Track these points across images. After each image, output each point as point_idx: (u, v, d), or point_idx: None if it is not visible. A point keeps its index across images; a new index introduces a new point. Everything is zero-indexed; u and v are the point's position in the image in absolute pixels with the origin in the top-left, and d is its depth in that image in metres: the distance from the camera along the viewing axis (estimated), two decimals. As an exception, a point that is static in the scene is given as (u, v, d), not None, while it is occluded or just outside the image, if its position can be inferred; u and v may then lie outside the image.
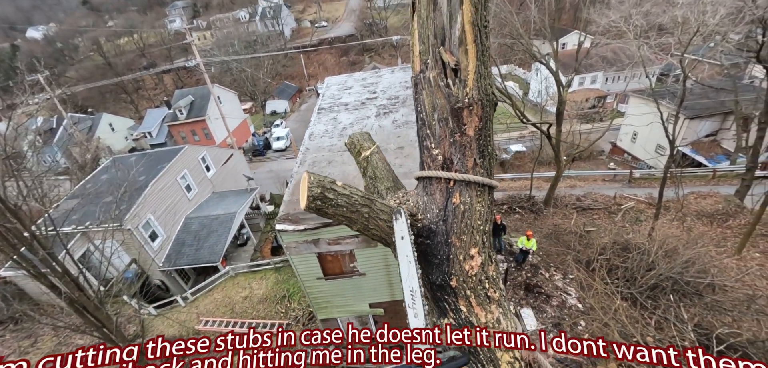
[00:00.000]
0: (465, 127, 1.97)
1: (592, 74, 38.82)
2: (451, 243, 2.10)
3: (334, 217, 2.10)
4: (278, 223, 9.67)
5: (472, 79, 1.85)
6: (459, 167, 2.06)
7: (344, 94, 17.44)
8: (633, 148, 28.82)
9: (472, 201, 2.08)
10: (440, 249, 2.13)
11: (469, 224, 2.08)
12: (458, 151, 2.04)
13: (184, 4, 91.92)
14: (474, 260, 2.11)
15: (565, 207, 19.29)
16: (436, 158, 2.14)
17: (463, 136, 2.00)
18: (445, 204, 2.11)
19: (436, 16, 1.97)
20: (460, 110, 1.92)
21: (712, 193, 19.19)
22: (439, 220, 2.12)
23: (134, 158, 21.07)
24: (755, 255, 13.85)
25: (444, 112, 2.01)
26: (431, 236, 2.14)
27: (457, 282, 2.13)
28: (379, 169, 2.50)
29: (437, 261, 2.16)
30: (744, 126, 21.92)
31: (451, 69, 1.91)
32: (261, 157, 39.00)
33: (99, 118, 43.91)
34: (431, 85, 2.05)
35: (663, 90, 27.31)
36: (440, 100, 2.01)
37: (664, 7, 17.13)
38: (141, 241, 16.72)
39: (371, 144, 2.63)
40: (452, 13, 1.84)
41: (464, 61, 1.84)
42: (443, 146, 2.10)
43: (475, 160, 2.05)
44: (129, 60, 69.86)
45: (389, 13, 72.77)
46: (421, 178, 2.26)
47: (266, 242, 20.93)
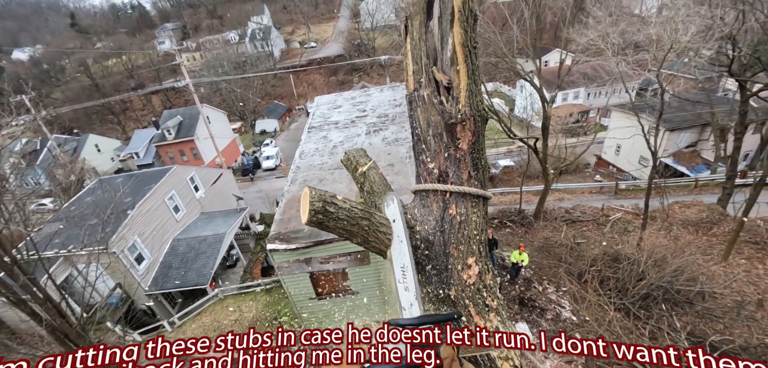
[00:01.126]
0: (459, 141, 2.07)
1: (575, 90, 40.14)
2: (449, 253, 2.16)
3: (335, 230, 2.13)
4: (269, 243, 9.56)
5: (464, 96, 1.97)
6: (454, 180, 2.14)
7: (334, 113, 17.61)
8: (617, 160, 29.62)
9: (467, 211, 2.15)
10: (438, 259, 2.18)
11: (465, 234, 2.15)
12: (453, 165, 2.13)
13: (174, 26, 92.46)
14: (471, 269, 2.17)
15: (555, 220, 19.56)
16: (432, 171, 2.22)
17: (457, 150, 2.10)
18: (442, 215, 2.17)
19: (427, 38, 2.08)
20: (454, 125, 2.02)
21: (696, 202, 19.74)
22: (437, 231, 2.18)
23: (121, 179, 20.68)
24: (741, 261, 14.19)
25: (438, 127, 2.11)
26: (429, 247, 2.19)
27: (455, 292, 2.18)
28: (376, 184, 2.57)
29: (435, 272, 2.20)
30: (721, 136, 22.82)
31: (444, 87, 2.02)
32: (250, 177, 38.69)
33: (85, 139, 43.13)
34: (426, 103, 2.14)
35: (643, 103, 28.35)
36: (434, 117, 2.11)
37: (638, 26, 17.96)
38: (126, 265, 16.25)
39: (367, 159, 2.69)
40: (443, 35, 1.96)
41: (456, 79, 1.96)
42: (439, 160, 2.18)
43: (470, 173, 2.13)
44: (117, 81, 69.34)
45: (377, 34, 74.38)
46: (418, 191, 2.33)
47: (256, 263, 20.57)
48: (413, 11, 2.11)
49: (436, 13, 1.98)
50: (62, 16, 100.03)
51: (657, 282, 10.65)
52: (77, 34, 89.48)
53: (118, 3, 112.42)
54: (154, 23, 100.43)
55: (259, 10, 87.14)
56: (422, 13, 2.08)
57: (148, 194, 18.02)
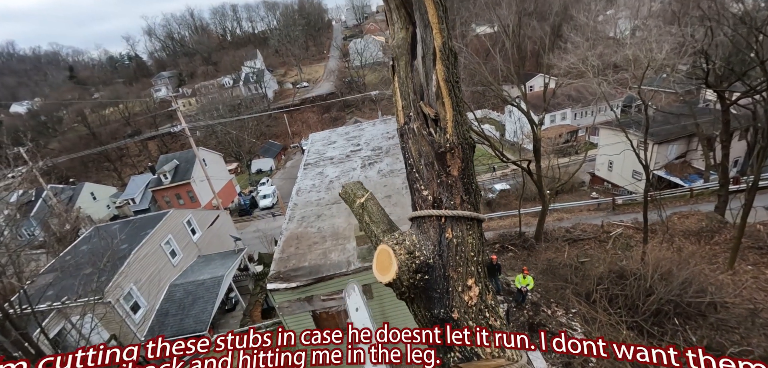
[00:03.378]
0: (449, 168, 2.19)
1: (562, 111, 41.31)
2: (449, 276, 2.22)
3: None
4: (269, 283, 9.40)
5: (450, 126, 2.11)
6: (448, 205, 2.24)
7: (329, 149, 17.85)
8: (611, 176, 30.01)
9: (463, 234, 2.23)
10: (439, 282, 2.24)
11: (463, 256, 2.22)
12: (446, 191, 2.24)
13: (170, 73, 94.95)
14: (472, 290, 2.22)
15: (556, 240, 19.49)
16: (426, 198, 2.32)
17: (448, 177, 2.21)
18: (440, 239, 2.25)
19: (413, 75, 2.25)
20: (444, 154, 2.15)
21: (694, 212, 19.85)
22: (436, 255, 2.25)
23: (117, 226, 20.46)
24: (747, 268, 14.08)
25: (429, 157, 2.24)
26: (430, 271, 2.25)
27: (458, 314, 2.22)
28: (375, 214, 2.65)
29: (437, 295, 2.25)
30: (709, 145, 23.35)
31: (432, 119, 2.16)
32: (248, 216, 38.45)
33: (80, 188, 42.93)
34: (416, 135, 2.28)
35: (629, 120, 29.15)
36: (425, 147, 2.24)
37: (615, 48, 18.85)
38: (122, 314, 15.77)
39: (364, 191, 2.79)
40: (428, 73, 2.12)
41: (442, 112, 2.11)
42: (432, 187, 2.29)
43: (462, 197, 2.24)
44: (113, 129, 70.16)
45: (366, 71, 76.89)
46: (415, 219, 2.42)
47: (256, 305, 20.05)
48: (399, 53, 2.29)
49: (420, 53, 2.16)
50: (61, 70, 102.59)
51: (666, 296, 10.48)
52: (75, 85, 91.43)
53: (116, 55, 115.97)
54: (150, 72, 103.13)
55: (251, 55, 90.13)
56: (407, 53, 2.27)
57: (144, 240, 17.80)
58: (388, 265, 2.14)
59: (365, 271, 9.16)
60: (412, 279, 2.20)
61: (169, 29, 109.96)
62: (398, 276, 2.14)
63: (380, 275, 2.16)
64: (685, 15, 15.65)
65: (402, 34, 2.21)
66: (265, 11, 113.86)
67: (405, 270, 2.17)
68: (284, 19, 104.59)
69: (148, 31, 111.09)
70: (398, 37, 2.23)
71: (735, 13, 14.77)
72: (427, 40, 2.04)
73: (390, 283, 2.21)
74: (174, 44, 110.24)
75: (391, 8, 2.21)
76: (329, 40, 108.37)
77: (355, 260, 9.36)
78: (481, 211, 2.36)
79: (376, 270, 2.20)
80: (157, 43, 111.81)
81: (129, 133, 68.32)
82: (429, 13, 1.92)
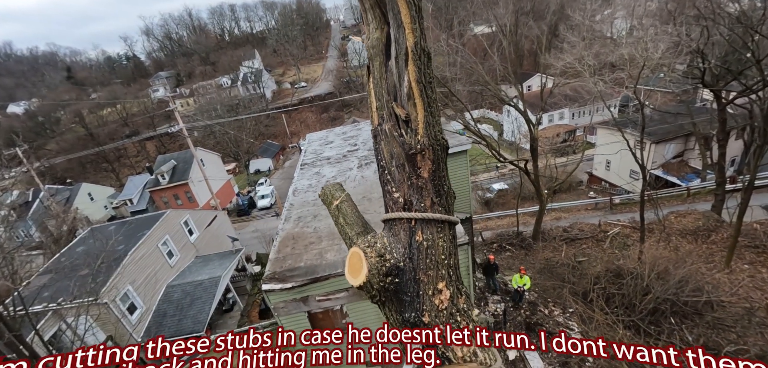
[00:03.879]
0: (420, 170, 2.17)
1: (559, 111, 41.32)
2: (419, 279, 2.21)
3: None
4: (265, 284, 9.36)
5: (421, 127, 2.09)
6: (418, 207, 2.22)
7: (326, 149, 17.82)
8: (608, 176, 30.06)
9: (433, 237, 2.22)
10: (409, 286, 2.23)
11: (433, 259, 2.21)
12: (416, 193, 2.22)
13: (168, 74, 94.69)
14: (443, 294, 2.21)
15: (554, 239, 19.51)
16: (397, 201, 2.30)
17: (418, 179, 2.19)
18: (410, 241, 2.24)
19: (387, 76, 2.23)
20: (414, 156, 2.13)
21: (691, 211, 19.91)
22: (406, 258, 2.24)
23: (113, 227, 20.42)
24: (744, 267, 14.17)
25: (400, 158, 2.21)
26: (400, 274, 2.24)
27: (429, 317, 2.21)
28: (349, 216, 2.63)
29: (408, 299, 2.24)
30: (706, 145, 23.40)
31: (403, 120, 2.15)
32: (246, 217, 38.40)
33: (77, 188, 42.82)
34: (388, 136, 2.26)
35: (625, 119, 29.20)
36: (396, 148, 2.21)
37: (611, 47, 18.86)
38: (118, 315, 15.74)
39: (341, 193, 2.77)
40: (400, 74, 2.11)
41: (413, 113, 2.09)
42: (403, 189, 2.27)
43: (432, 199, 2.22)
44: (111, 130, 69.99)
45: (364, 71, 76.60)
46: (387, 221, 2.41)
47: (254, 305, 20.04)
48: (373, 53, 2.27)
49: (393, 54, 2.14)
50: (59, 71, 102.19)
51: (663, 295, 10.51)
52: (73, 86, 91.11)
53: (113, 55, 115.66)
54: (148, 72, 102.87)
55: (250, 55, 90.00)
56: (381, 54, 2.25)
57: (141, 240, 17.77)
58: (359, 268, 2.12)
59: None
60: (382, 283, 2.19)
61: (167, 29, 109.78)
62: (368, 280, 2.12)
63: (351, 278, 2.15)
64: (681, 14, 15.67)
65: (377, 34, 2.19)
66: (263, 11, 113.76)
67: (375, 273, 2.15)
68: (282, 19, 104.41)
69: (145, 31, 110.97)
70: (373, 38, 2.21)
71: (731, 12, 14.79)
72: (399, 40, 2.02)
73: (361, 286, 2.19)
74: (172, 44, 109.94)
75: (365, 8, 2.18)
76: (327, 39, 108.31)
77: (351, 260, 9.31)
78: (453, 213, 2.35)
79: (347, 273, 2.19)
80: (154, 43, 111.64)
81: (127, 133, 68.16)
82: (402, 13, 1.90)
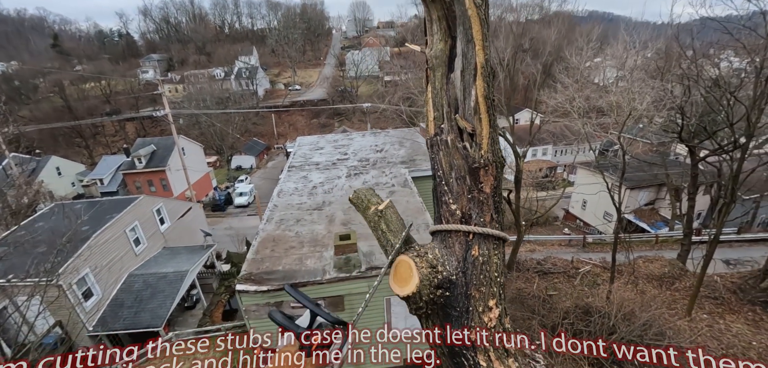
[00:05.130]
0: (482, 184, 2.16)
1: (544, 147, 42.68)
2: (471, 294, 2.16)
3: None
4: (239, 284, 9.05)
5: (486, 143, 2.10)
6: (477, 221, 2.19)
7: (316, 154, 17.67)
8: (584, 215, 30.97)
9: (489, 252, 2.18)
10: (460, 300, 2.17)
11: (487, 275, 2.16)
12: (476, 207, 2.19)
13: (160, 57, 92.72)
14: (492, 312, 2.17)
15: (527, 271, 19.80)
16: (454, 213, 2.26)
17: (480, 193, 2.17)
18: (465, 255, 2.19)
19: (448, 88, 2.24)
20: (477, 170, 2.13)
21: (658, 257, 20.63)
22: (459, 272, 2.19)
23: (81, 205, 19.39)
24: (703, 316, 14.75)
25: (461, 170, 2.20)
26: (451, 288, 2.18)
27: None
28: (393, 223, 2.56)
29: (456, 314, 2.18)
30: (676, 196, 24.51)
31: (468, 134, 2.14)
32: (221, 212, 37.41)
33: (46, 161, 40.74)
34: (448, 147, 2.25)
35: (607, 163, 30.35)
36: (458, 161, 2.20)
37: (601, 93, 19.73)
38: (72, 300, 14.78)
39: (380, 198, 2.72)
40: (466, 87, 2.12)
41: (479, 127, 2.10)
42: (461, 202, 2.24)
43: (492, 215, 2.20)
44: (92, 105, 67.41)
45: (360, 82, 77.50)
46: (439, 232, 2.36)
47: (218, 305, 19.27)
48: (436, 63, 2.28)
49: (458, 67, 2.15)
50: (45, 37, 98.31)
51: (628, 337, 10.77)
52: (58, 55, 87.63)
53: (106, 30, 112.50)
54: (140, 53, 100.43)
55: (247, 51, 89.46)
56: (444, 66, 2.26)
57: (109, 224, 16.92)
58: (408, 278, 2.05)
59: (339, 283, 8.97)
60: (432, 295, 2.13)
61: (166, 12, 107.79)
62: (418, 290, 2.05)
63: (398, 287, 2.07)
64: (668, 72, 16.58)
65: (441, 45, 2.22)
66: (267, 10, 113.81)
67: (426, 284, 2.09)
68: (285, 20, 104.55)
69: (143, 11, 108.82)
70: (436, 48, 2.23)
71: (710, 76, 15.77)
72: (468, 55, 2.03)
73: (407, 297, 2.11)
74: (169, 28, 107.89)
75: (432, 19, 2.21)
76: (327, 47, 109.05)
77: (330, 269, 9.20)
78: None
79: (393, 282, 2.11)
80: (151, 25, 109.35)
81: (107, 111, 65.83)
82: (473, 29, 1.93)
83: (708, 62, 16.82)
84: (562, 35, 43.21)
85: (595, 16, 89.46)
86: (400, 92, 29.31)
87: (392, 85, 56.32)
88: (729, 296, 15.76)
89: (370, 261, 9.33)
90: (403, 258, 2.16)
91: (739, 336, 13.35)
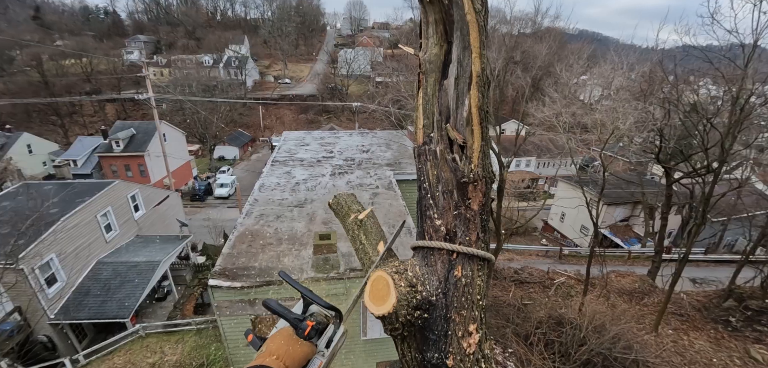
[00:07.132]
0: (470, 201, 2.01)
1: (527, 158, 43.45)
2: (451, 318, 2.00)
3: None
4: (212, 279, 8.77)
5: (477, 156, 1.95)
6: (463, 240, 2.04)
7: (301, 150, 17.40)
8: (562, 227, 31.63)
9: (473, 274, 2.03)
10: (439, 324, 2.02)
11: (469, 298, 2.01)
12: (462, 224, 2.04)
13: (147, 39, 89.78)
14: (472, 337, 2.01)
15: (504, 279, 20.04)
16: (439, 229, 2.10)
17: (467, 210, 2.02)
18: (447, 275, 2.03)
19: (441, 95, 2.08)
20: (466, 185, 1.98)
21: (630, 273, 21.27)
22: (440, 293, 2.03)
23: (51, 187, 18.51)
24: (669, 332, 15.26)
25: (449, 185, 2.04)
26: (430, 309, 2.03)
27: (453, 360, 2.01)
28: (373, 235, 2.43)
29: (434, 337, 2.03)
30: (650, 214, 25.33)
31: (458, 145, 2.00)
32: (199, 202, 36.46)
33: (16, 137, 38.82)
34: (437, 158, 2.09)
35: (587, 178, 31.14)
36: (446, 174, 2.04)
37: (586, 110, 20.20)
38: (34, 286, 14.04)
39: (361, 206, 2.59)
40: (459, 96, 1.97)
41: (470, 139, 1.96)
42: (446, 218, 2.08)
43: (478, 234, 2.04)
44: (70, 82, 64.54)
45: (351, 81, 77.12)
46: (420, 248, 2.18)
47: (190, 298, 18.70)
48: (429, 69, 2.11)
49: (452, 74, 2.00)
50: (26, 7, 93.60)
51: (597, 349, 11.01)
52: (39, 27, 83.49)
53: (91, 6, 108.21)
54: (126, 32, 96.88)
55: (238, 39, 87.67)
56: (437, 71, 2.11)
57: (80, 207, 16.17)
58: (384, 296, 1.86)
59: (316, 282, 8.81)
60: (409, 316, 1.96)
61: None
62: (395, 310, 1.86)
63: (374, 305, 1.87)
64: (650, 95, 17.12)
65: (435, 49, 2.06)
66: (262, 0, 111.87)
67: (404, 304, 1.91)
68: (280, 12, 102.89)
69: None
70: (431, 53, 2.07)
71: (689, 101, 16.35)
72: (464, 62, 1.89)
73: (383, 316, 1.92)
74: (158, 9, 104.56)
75: (428, 22, 2.05)
76: (321, 43, 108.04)
77: (308, 269, 9.02)
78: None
79: (368, 299, 1.91)
80: (139, 4, 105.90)
81: (87, 90, 63.27)
82: (471, 36, 1.80)
83: (688, 88, 17.45)
84: (553, 51, 44.14)
85: (585, 35, 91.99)
86: (391, 94, 29.24)
87: (383, 87, 56.21)
88: (694, 313, 16.36)
89: (349, 262, 9.21)
90: (381, 273, 2.00)
91: (701, 353, 13.84)
